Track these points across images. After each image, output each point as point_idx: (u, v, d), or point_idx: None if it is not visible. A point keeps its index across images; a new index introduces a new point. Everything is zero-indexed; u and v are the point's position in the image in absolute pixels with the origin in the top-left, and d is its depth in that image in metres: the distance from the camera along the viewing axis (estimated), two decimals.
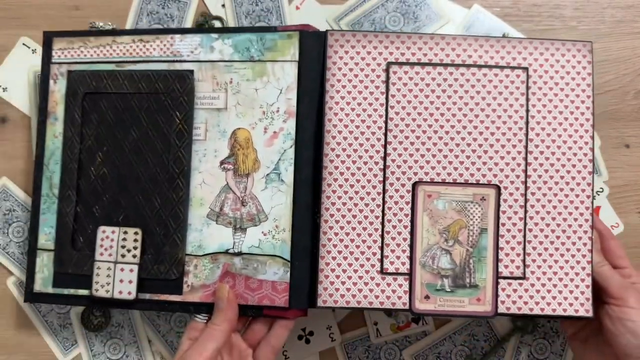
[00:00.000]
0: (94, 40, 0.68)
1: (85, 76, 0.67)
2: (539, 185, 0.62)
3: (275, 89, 0.64)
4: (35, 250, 0.67)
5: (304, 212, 0.63)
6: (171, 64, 0.66)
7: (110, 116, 0.67)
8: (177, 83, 0.65)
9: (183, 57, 0.66)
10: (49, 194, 0.68)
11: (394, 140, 0.62)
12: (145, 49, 0.67)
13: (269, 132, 0.64)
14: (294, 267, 0.62)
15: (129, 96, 0.67)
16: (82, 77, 0.67)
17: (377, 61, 0.63)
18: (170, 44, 0.66)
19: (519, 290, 0.62)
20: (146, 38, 0.67)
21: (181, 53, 0.66)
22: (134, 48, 0.67)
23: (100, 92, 0.67)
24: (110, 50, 0.68)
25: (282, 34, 0.64)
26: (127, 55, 0.67)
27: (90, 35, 0.69)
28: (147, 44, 0.67)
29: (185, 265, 0.64)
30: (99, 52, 0.68)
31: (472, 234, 0.62)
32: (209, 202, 0.64)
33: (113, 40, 0.68)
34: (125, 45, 0.68)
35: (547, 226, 0.62)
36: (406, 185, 0.62)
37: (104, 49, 0.68)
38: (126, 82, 0.66)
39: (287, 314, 0.62)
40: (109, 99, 0.67)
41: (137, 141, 0.66)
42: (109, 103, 0.67)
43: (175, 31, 0.67)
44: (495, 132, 0.63)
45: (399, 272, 0.62)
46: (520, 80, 0.63)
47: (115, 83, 0.67)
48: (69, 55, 0.69)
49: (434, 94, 0.63)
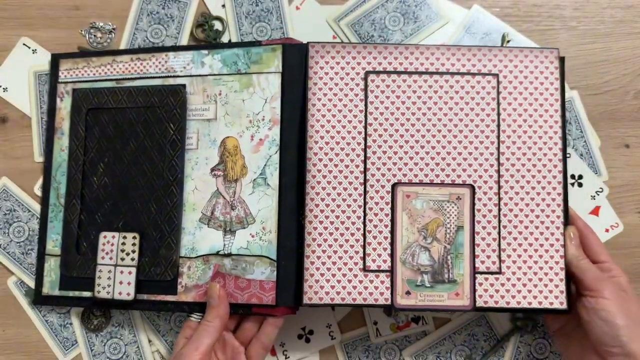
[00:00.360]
0: (96, 60, 0.73)
1: (88, 93, 0.72)
2: (512, 185, 0.65)
3: (261, 99, 0.68)
4: (43, 255, 0.72)
5: (290, 214, 0.66)
6: (165, 79, 0.70)
7: (111, 129, 0.71)
8: (171, 97, 0.69)
9: (176, 73, 0.70)
10: (56, 203, 0.72)
11: (374, 144, 0.66)
12: (142, 66, 0.71)
13: (256, 139, 0.68)
14: (281, 267, 0.65)
15: (127, 110, 0.71)
16: (85, 94, 0.72)
17: (356, 70, 0.67)
18: (165, 61, 0.71)
19: (496, 284, 0.64)
20: (143, 56, 0.72)
21: (175, 69, 0.70)
22: (132, 66, 0.72)
23: (101, 107, 0.72)
24: (110, 69, 0.72)
25: (267, 47, 0.68)
26: (125, 72, 0.72)
27: (93, 55, 0.73)
28: (144, 61, 0.71)
29: (180, 267, 0.68)
30: (101, 71, 0.73)
31: (449, 232, 0.65)
32: (201, 207, 0.68)
33: (113, 59, 0.72)
34: (125, 64, 0.72)
35: (521, 223, 0.65)
36: (386, 187, 0.65)
37: (105, 67, 0.72)
38: (125, 97, 0.71)
39: (275, 312, 0.65)
40: (109, 113, 0.71)
41: (135, 152, 0.70)
42: (109, 117, 0.71)
43: (169, 49, 0.72)
44: (468, 135, 0.66)
45: (380, 269, 0.64)
46: (491, 85, 0.66)
47: (115, 99, 0.71)
48: (74, 75, 0.73)
49: (410, 100, 0.66)
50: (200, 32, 0.75)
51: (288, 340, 0.72)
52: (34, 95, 0.77)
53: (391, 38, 0.73)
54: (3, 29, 0.78)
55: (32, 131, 0.76)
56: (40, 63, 0.76)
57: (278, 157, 0.67)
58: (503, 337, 0.71)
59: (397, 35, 0.73)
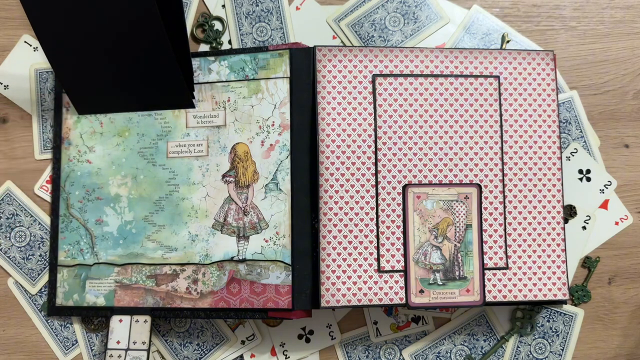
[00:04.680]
0: None
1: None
2: (515, 183, 0.66)
3: (270, 104, 0.66)
4: (55, 266, 0.68)
5: (302, 217, 0.65)
6: None
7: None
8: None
9: None
10: (66, 213, 0.68)
11: (384, 146, 0.65)
12: None
13: (266, 144, 0.66)
14: (295, 271, 0.64)
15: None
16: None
17: (364, 74, 0.66)
18: None
19: (503, 279, 0.65)
20: None
21: None
22: None
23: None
24: None
25: (274, 52, 0.66)
26: None
27: None
28: None
29: (194, 274, 0.65)
30: None
31: (459, 230, 0.65)
32: (213, 214, 0.66)
33: None
34: None
35: (525, 219, 0.66)
36: (397, 188, 0.65)
37: None
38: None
39: (291, 315, 0.64)
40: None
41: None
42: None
43: None
44: (473, 135, 0.66)
45: (394, 269, 0.64)
46: (493, 87, 0.67)
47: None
48: None
49: (417, 102, 0.66)
50: (200, 32, 0.72)
51: (288, 340, 0.70)
52: (34, 92, 0.73)
53: (391, 38, 0.72)
54: (3, 29, 0.74)
55: (32, 128, 0.73)
56: (41, 61, 0.73)
57: (289, 162, 0.65)
58: (503, 337, 0.70)
59: (397, 36, 0.72)
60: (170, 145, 0.67)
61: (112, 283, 0.66)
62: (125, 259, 0.67)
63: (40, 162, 0.72)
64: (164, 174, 0.67)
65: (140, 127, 0.68)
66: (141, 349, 0.65)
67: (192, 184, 0.66)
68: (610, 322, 0.70)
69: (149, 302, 0.66)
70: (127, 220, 0.67)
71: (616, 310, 0.70)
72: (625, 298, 0.71)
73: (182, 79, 0.63)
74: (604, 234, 0.71)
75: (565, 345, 0.70)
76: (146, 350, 0.65)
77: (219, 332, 0.69)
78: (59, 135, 0.69)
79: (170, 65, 0.61)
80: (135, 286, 0.66)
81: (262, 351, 0.70)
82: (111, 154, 0.68)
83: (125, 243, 0.67)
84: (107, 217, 0.67)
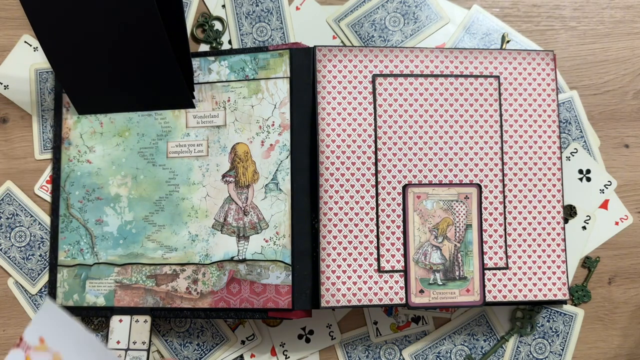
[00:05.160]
0: None
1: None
2: (515, 183, 0.66)
3: (270, 104, 0.66)
4: (55, 266, 0.68)
5: (303, 218, 0.64)
6: None
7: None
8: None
9: None
10: (66, 213, 0.68)
11: (384, 146, 0.65)
12: None
13: (266, 144, 0.65)
14: (295, 271, 0.64)
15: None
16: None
17: (364, 74, 0.66)
18: None
19: (503, 279, 0.65)
20: None
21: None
22: None
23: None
24: None
25: (274, 52, 0.66)
26: None
27: None
28: None
29: (194, 274, 0.65)
30: None
31: (459, 230, 0.65)
32: (213, 214, 0.65)
33: None
34: None
35: (525, 219, 0.66)
36: (397, 188, 0.65)
37: None
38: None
39: (291, 315, 0.63)
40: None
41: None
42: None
43: None
44: (473, 135, 0.66)
45: (394, 269, 0.64)
46: (493, 87, 0.67)
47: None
48: None
49: (417, 102, 0.66)
50: (200, 32, 0.72)
51: (288, 340, 0.70)
52: (34, 92, 0.73)
53: (391, 38, 0.72)
54: (3, 29, 0.74)
55: (32, 128, 0.73)
56: (41, 61, 0.72)
57: (289, 162, 0.65)
58: (503, 337, 0.70)
59: (397, 36, 0.72)
60: (170, 145, 0.67)
61: (112, 283, 0.66)
62: (125, 259, 0.66)
63: (40, 162, 0.72)
64: (164, 174, 0.67)
65: (140, 127, 0.68)
66: (141, 349, 0.65)
67: (192, 184, 0.66)
68: (610, 322, 0.70)
69: (149, 302, 0.65)
70: (127, 220, 0.67)
71: (616, 310, 0.70)
72: (625, 298, 0.70)
73: (182, 79, 0.63)
74: (604, 234, 0.71)
75: (565, 345, 0.70)
76: (146, 350, 0.65)
77: (219, 332, 0.69)
78: (59, 135, 0.69)
79: (170, 65, 0.61)
80: (135, 286, 0.66)
81: (262, 351, 0.70)
82: (111, 154, 0.68)
83: (125, 243, 0.67)
84: (107, 217, 0.67)
